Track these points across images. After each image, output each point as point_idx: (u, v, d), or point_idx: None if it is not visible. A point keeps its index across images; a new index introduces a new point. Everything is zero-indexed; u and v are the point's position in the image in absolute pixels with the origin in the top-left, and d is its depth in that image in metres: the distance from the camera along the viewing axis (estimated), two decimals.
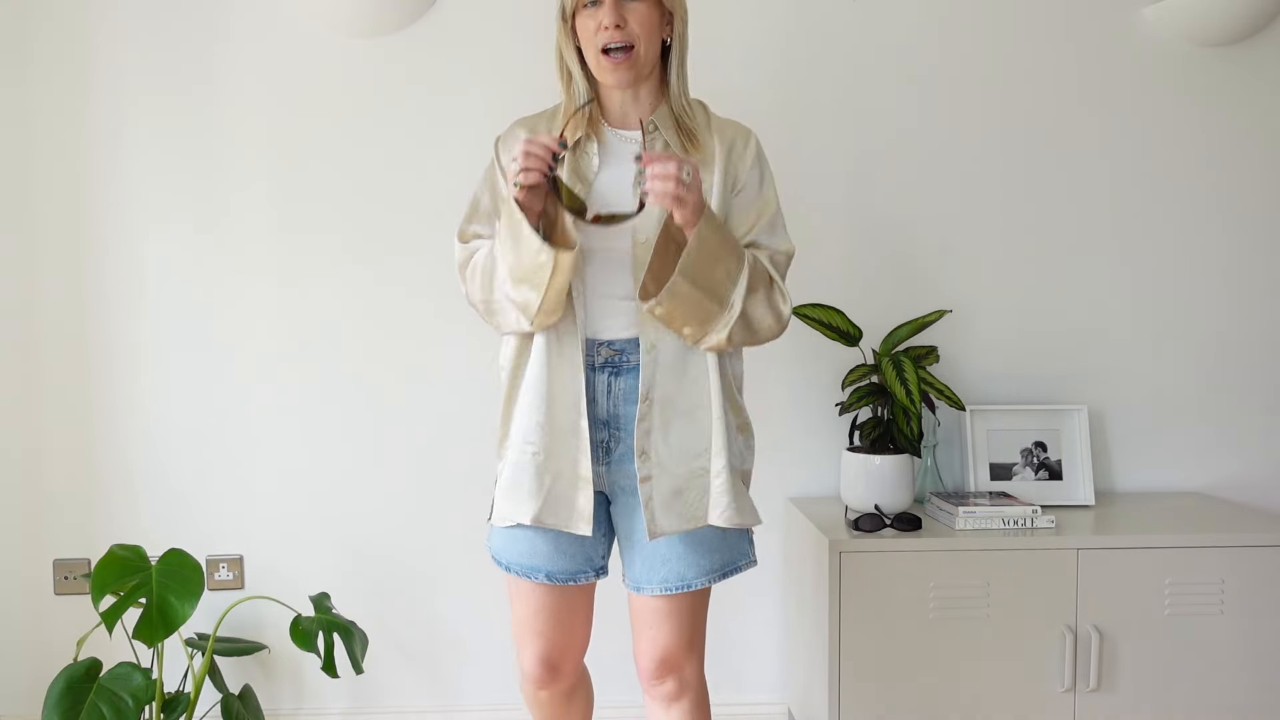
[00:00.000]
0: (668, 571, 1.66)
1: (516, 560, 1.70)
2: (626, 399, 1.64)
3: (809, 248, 2.50)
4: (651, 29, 1.58)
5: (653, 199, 1.48)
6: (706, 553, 1.66)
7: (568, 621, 1.75)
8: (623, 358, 1.64)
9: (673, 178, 1.46)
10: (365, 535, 2.50)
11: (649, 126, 1.62)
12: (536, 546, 1.68)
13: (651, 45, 1.59)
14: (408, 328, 2.46)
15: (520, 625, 1.76)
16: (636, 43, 1.57)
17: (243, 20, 2.41)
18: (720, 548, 1.68)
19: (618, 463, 1.67)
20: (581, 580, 1.71)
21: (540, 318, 1.59)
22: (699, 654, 1.75)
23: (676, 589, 1.66)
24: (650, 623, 1.70)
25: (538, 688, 1.80)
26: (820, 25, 2.47)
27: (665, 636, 1.70)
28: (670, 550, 1.66)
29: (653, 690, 1.74)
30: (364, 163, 2.44)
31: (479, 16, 2.42)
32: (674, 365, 1.62)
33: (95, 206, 2.42)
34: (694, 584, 1.66)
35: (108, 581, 2.02)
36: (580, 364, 1.62)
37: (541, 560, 1.68)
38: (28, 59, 2.39)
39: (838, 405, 2.46)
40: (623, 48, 1.57)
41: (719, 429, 1.63)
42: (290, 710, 2.52)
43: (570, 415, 1.63)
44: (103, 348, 2.44)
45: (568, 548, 1.69)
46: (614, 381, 1.64)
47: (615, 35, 1.56)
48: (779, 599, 2.55)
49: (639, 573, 1.70)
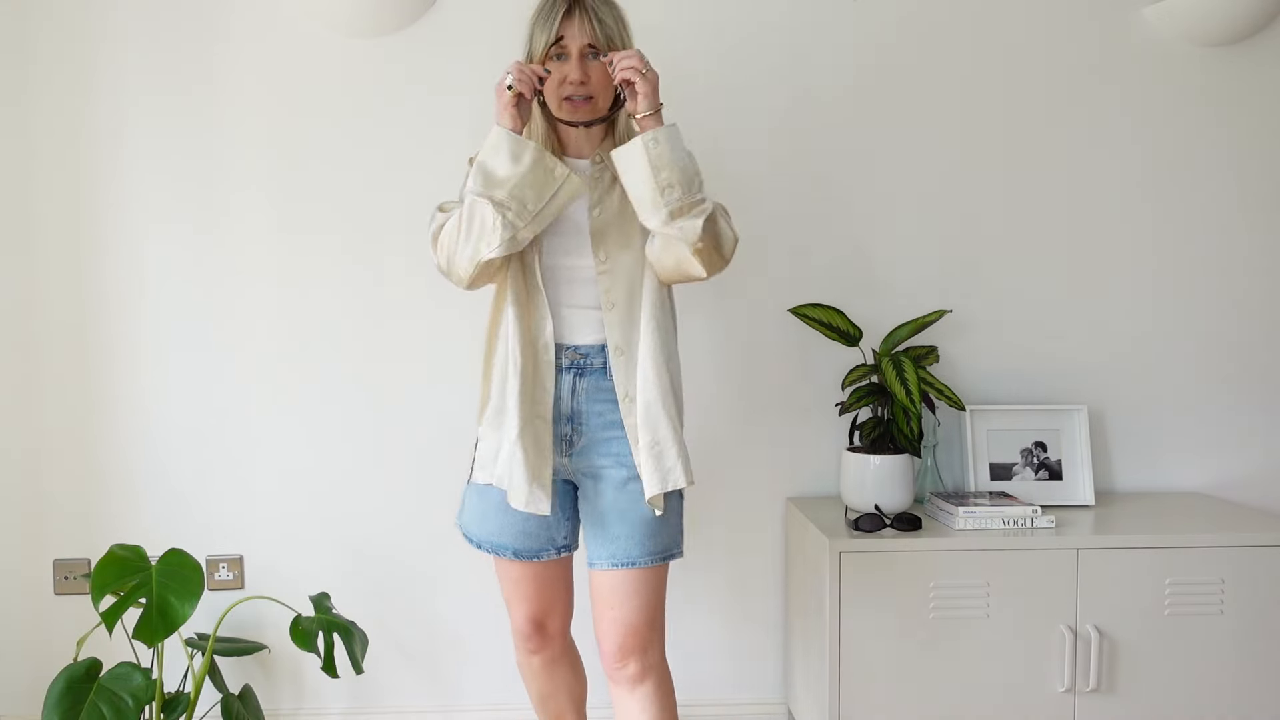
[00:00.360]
0: (615, 549, 1.83)
1: (486, 539, 1.90)
2: (590, 397, 1.83)
3: (810, 248, 2.51)
4: (607, 83, 1.80)
5: (618, 76, 1.73)
6: (650, 536, 1.83)
7: (547, 589, 1.96)
8: (586, 361, 1.84)
9: (634, 58, 1.73)
10: (365, 535, 2.50)
11: (596, 159, 1.86)
12: (503, 526, 1.88)
13: (606, 96, 1.82)
14: (408, 328, 2.46)
15: (508, 592, 1.97)
16: (596, 94, 1.80)
17: (242, 20, 2.41)
18: (660, 533, 1.84)
19: (580, 454, 1.85)
20: (545, 557, 1.91)
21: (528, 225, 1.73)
22: (660, 636, 1.89)
23: (624, 565, 1.83)
24: (611, 602, 1.84)
25: (530, 652, 2.02)
26: (816, 22, 2.47)
27: (628, 614, 1.84)
28: (620, 530, 1.83)
29: (617, 674, 1.87)
30: (364, 163, 2.44)
31: (479, 16, 2.43)
32: (640, 363, 1.81)
33: (95, 206, 2.42)
34: (639, 562, 1.82)
35: (108, 581, 2.02)
36: (553, 365, 1.82)
37: (508, 539, 1.88)
38: (28, 58, 2.39)
39: (838, 405, 2.46)
40: (584, 96, 1.80)
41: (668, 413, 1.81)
42: (290, 710, 2.52)
43: (539, 409, 1.82)
44: (103, 348, 2.44)
45: (531, 528, 1.88)
46: (578, 381, 1.83)
47: (579, 89, 1.79)
48: (779, 599, 2.55)
49: (594, 548, 1.86)
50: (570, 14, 1.78)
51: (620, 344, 1.82)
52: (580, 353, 1.83)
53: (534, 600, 1.96)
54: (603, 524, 1.84)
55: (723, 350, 2.51)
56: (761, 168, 2.47)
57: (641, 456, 1.79)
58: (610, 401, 1.83)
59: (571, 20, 1.78)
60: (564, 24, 1.77)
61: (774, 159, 2.48)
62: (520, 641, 2.02)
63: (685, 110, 2.42)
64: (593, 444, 1.84)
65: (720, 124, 2.44)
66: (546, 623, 1.99)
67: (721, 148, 2.43)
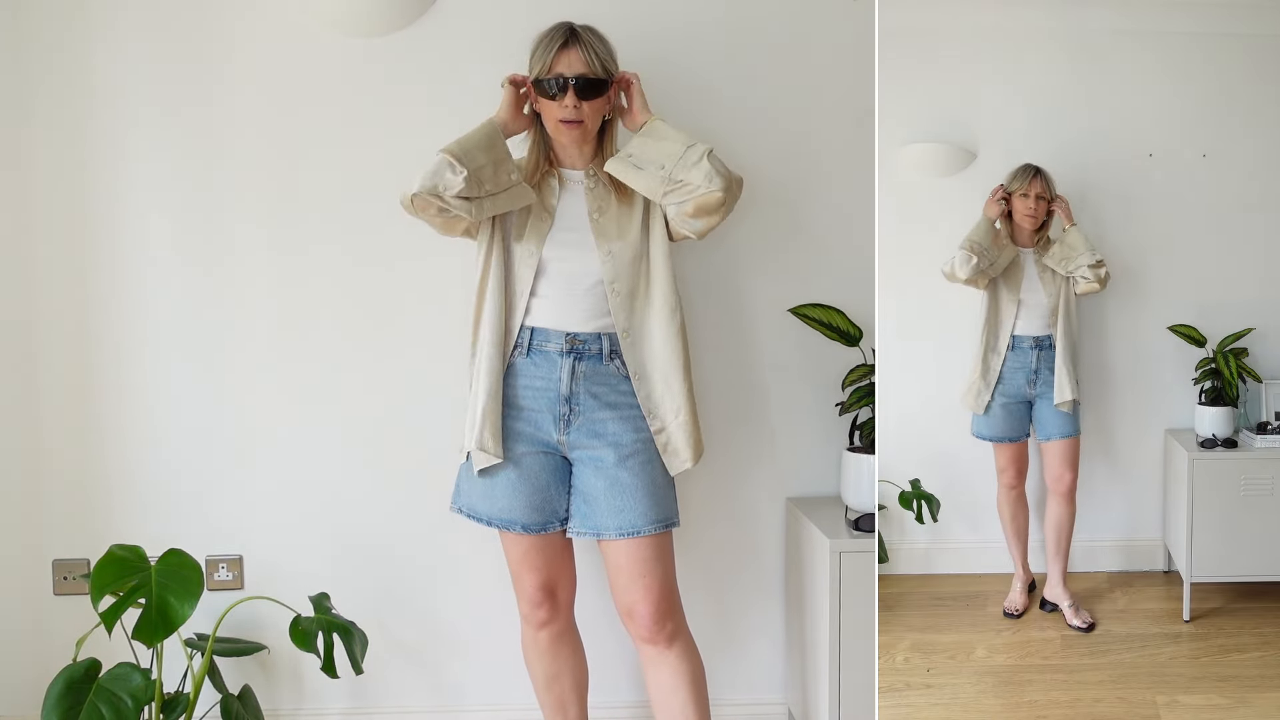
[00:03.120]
0: (623, 520, 1.99)
1: (496, 515, 2.05)
2: (588, 379, 2.03)
3: (810, 248, 2.51)
4: (598, 112, 2.04)
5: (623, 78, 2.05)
6: (652, 506, 2.01)
7: (555, 558, 2.12)
8: (585, 346, 2.03)
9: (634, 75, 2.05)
10: (365, 535, 2.50)
11: (590, 172, 2.09)
12: (512, 503, 2.04)
13: (596, 122, 2.05)
14: (408, 328, 2.46)
15: (516, 565, 2.11)
16: (587, 120, 2.02)
17: (243, 19, 2.40)
18: (662, 503, 2.03)
19: (577, 432, 2.03)
20: (550, 530, 2.07)
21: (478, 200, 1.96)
22: (678, 602, 2.07)
23: (630, 534, 1.99)
24: (642, 571, 2.00)
25: (540, 625, 2.14)
26: (819, 24, 2.47)
27: (658, 580, 2.01)
28: (625, 501, 2.00)
29: (657, 637, 2.01)
30: (364, 162, 2.43)
31: (479, 16, 2.42)
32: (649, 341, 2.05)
33: (95, 205, 2.41)
34: (645, 530, 1.99)
35: (107, 582, 2.02)
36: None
37: (518, 514, 2.04)
38: (27, 58, 2.38)
39: (838, 405, 2.46)
40: (575, 120, 2.01)
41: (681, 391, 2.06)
42: (290, 710, 2.52)
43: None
44: (102, 348, 2.44)
45: (537, 502, 2.04)
46: (577, 365, 2.03)
47: (573, 114, 2.00)
48: (779, 599, 2.55)
49: (603, 520, 2.01)
50: (566, 46, 1.98)
51: (627, 326, 2.03)
52: (580, 339, 2.02)
53: (544, 569, 2.10)
54: (605, 498, 2.01)
55: (723, 350, 2.50)
56: (762, 167, 2.47)
57: (668, 421, 2.04)
58: (607, 384, 2.04)
59: (567, 51, 1.98)
60: (560, 54, 1.98)
61: (779, 159, 2.48)
62: (530, 613, 2.14)
63: (685, 110, 2.43)
64: (589, 423, 2.03)
65: (720, 123, 2.44)
66: (557, 591, 2.14)
67: (722, 147, 2.42)
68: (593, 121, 2.04)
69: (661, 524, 2.01)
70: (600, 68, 1.99)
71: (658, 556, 2.01)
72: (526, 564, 2.10)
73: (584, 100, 1.99)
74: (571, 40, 1.99)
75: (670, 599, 2.04)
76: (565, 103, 1.98)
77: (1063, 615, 2.57)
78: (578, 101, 1.98)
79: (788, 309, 2.46)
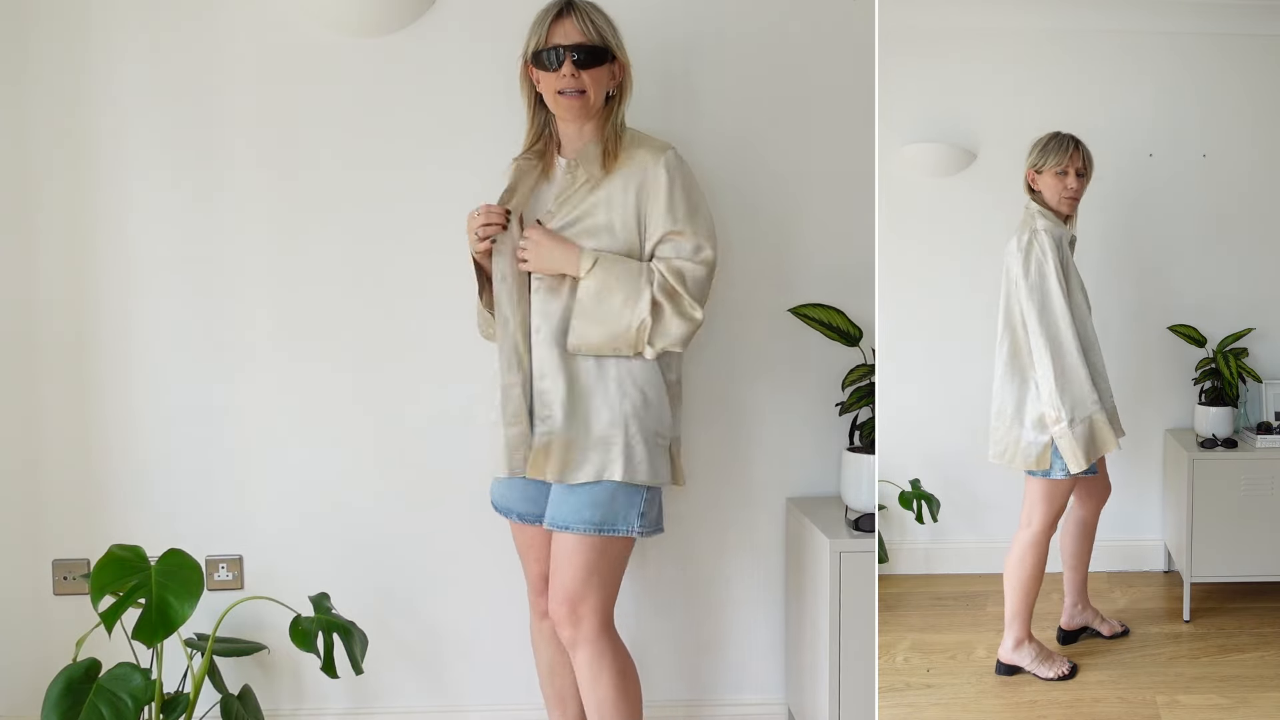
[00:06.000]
0: (556, 512, 2.00)
1: (500, 503, 2.14)
2: None
3: (810, 248, 2.51)
4: (600, 82, 1.96)
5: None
6: (587, 506, 1.97)
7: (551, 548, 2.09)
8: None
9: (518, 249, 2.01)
10: (365, 535, 2.50)
11: (570, 165, 2.01)
12: (509, 493, 2.11)
13: (599, 94, 1.98)
14: (408, 328, 2.46)
15: (521, 553, 2.17)
16: (588, 89, 1.95)
17: (242, 18, 2.40)
18: (600, 506, 1.97)
19: None
20: (543, 522, 2.05)
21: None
22: (594, 613, 1.99)
23: (560, 528, 1.99)
24: (552, 566, 2.02)
25: (541, 616, 2.16)
26: (819, 25, 2.47)
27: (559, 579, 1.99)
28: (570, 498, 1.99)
29: (562, 633, 2.02)
30: (364, 162, 2.43)
31: (479, 16, 2.42)
32: None
33: (94, 205, 2.41)
34: (572, 527, 1.96)
35: (107, 582, 2.02)
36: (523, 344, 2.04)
37: (513, 503, 2.11)
38: (26, 57, 2.38)
39: (838, 405, 2.46)
40: (576, 90, 1.95)
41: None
42: (290, 710, 2.52)
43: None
44: (102, 348, 2.44)
45: (531, 494, 2.08)
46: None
47: (571, 83, 1.94)
48: (779, 599, 2.55)
49: (550, 510, 2.02)
50: (561, 16, 1.95)
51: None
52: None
53: (544, 560, 2.11)
54: (557, 492, 2.02)
55: (723, 350, 2.50)
56: (762, 167, 2.47)
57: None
58: None
59: (562, 21, 1.94)
60: (555, 25, 1.94)
61: (779, 159, 2.48)
62: (534, 600, 2.18)
63: (685, 110, 2.43)
64: None
65: (721, 123, 2.44)
66: None
67: (722, 146, 2.43)
68: (595, 93, 1.97)
69: (593, 527, 1.96)
70: (597, 36, 1.95)
71: (579, 557, 1.97)
72: (529, 552, 2.15)
73: (583, 70, 1.94)
74: (567, 10, 1.95)
75: (577, 602, 1.98)
76: (563, 72, 1.93)
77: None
78: (575, 71, 1.93)
79: (788, 309, 2.46)
